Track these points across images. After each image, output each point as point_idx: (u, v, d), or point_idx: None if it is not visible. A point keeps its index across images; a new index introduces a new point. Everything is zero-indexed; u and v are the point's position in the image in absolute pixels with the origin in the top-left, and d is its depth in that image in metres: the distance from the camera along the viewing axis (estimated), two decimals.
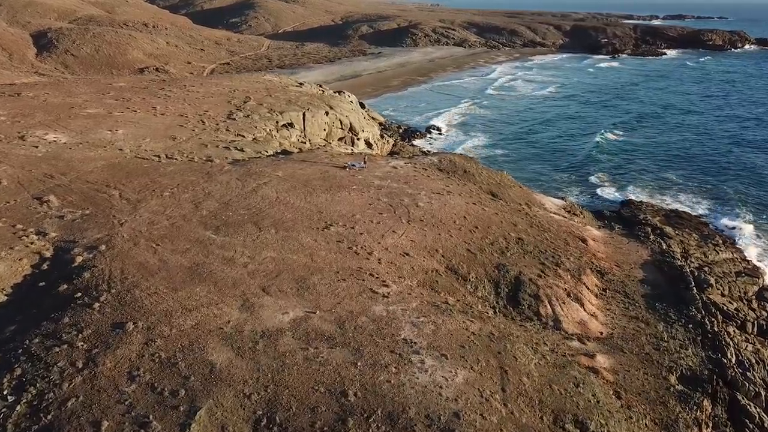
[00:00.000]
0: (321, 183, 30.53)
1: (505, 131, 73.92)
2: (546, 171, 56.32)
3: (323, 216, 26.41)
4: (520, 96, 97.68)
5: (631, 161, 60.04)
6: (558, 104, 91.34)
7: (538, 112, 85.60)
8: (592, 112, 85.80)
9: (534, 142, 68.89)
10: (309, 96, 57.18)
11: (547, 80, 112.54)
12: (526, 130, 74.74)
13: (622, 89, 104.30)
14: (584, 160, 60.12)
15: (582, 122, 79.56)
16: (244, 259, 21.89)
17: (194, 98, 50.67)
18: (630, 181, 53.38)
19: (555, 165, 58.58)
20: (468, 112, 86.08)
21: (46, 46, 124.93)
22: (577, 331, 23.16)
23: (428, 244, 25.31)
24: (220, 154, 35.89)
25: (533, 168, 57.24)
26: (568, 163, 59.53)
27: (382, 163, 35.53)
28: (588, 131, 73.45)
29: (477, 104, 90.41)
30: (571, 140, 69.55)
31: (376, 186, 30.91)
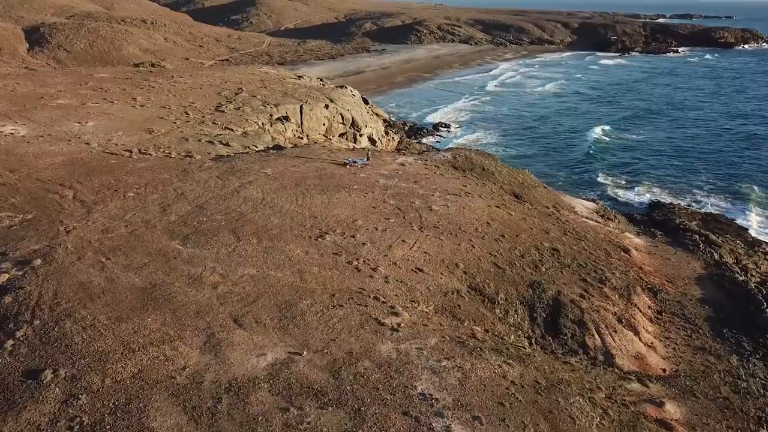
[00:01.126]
0: (316, 182, 25.86)
1: (514, 129, 69.54)
2: (558, 170, 51.57)
3: (318, 222, 21.75)
4: (529, 93, 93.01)
5: (639, 159, 55.58)
6: (568, 102, 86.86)
7: (549, 110, 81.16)
8: (604, 109, 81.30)
9: (543, 139, 64.61)
10: (307, 88, 52.56)
11: (557, 78, 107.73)
12: (535, 127, 70.65)
13: (634, 86, 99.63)
14: (597, 158, 55.61)
15: (591, 117, 75.02)
16: (214, 278, 17.21)
17: (181, 89, 46.10)
18: (641, 180, 48.82)
19: (566, 164, 53.96)
20: (475, 109, 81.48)
21: (39, 41, 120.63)
22: (635, 367, 18.42)
23: (446, 256, 20.60)
24: (203, 149, 31.27)
25: (548, 167, 52.57)
26: (577, 160, 54.98)
27: (388, 159, 30.86)
28: (602, 126, 69.08)
29: (485, 101, 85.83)
30: (581, 136, 65.05)
31: (382, 186, 26.23)
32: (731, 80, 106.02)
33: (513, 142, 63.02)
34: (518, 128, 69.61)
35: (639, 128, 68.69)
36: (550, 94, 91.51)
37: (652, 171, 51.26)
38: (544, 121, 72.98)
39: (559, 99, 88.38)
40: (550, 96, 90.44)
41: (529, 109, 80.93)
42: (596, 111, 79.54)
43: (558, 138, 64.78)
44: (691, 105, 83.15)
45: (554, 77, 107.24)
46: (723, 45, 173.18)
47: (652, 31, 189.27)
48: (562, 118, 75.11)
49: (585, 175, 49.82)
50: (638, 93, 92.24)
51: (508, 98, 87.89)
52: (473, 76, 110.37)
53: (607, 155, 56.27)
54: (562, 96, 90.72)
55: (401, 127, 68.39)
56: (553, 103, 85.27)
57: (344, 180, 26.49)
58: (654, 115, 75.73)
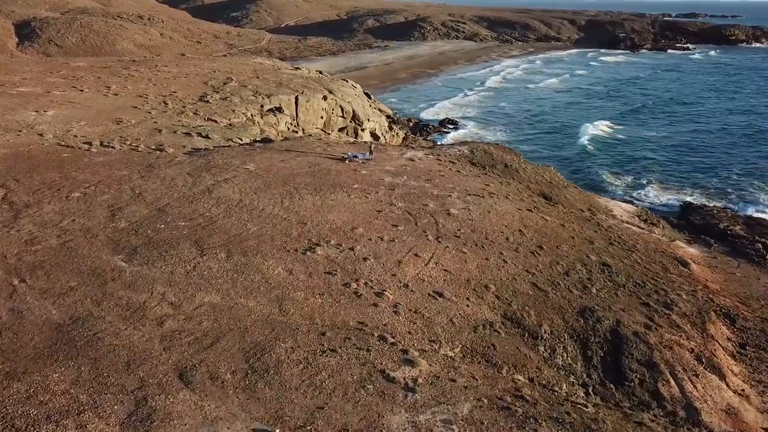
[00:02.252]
0: (308, 180, 21.24)
1: (520, 125, 65.44)
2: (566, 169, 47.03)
3: (307, 230, 17.12)
4: (538, 90, 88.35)
5: (645, 156, 51.15)
6: (579, 98, 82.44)
7: (557, 106, 76.82)
8: (619, 106, 76.85)
9: (547, 134, 60.74)
10: (304, 79, 47.95)
11: (564, 74, 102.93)
12: (542, 123, 66.84)
13: (644, 83, 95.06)
14: (606, 154, 51.20)
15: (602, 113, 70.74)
16: (162, 309, 12.59)
17: (163, 78, 41.54)
18: (653, 178, 44.28)
19: (573, 161, 49.40)
20: (482, 105, 76.96)
21: (29, 35, 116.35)
22: (728, 427, 13.76)
23: (472, 275, 15.95)
24: (177, 142, 26.66)
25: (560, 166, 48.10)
26: (584, 157, 50.54)
27: (394, 154, 26.21)
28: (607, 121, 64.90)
29: (491, 97, 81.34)
30: (585, 131, 60.72)
31: (388, 185, 21.60)
32: (744, 77, 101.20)
33: (519, 137, 58.59)
34: (525, 124, 65.39)
35: (648, 124, 64.40)
36: (559, 91, 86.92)
37: (662, 168, 46.77)
38: (551, 117, 68.71)
39: (568, 96, 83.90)
40: (560, 93, 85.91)
41: (537, 105, 76.42)
42: (608, 107, 75.12)
43: (563, 134, 60.59)
44: (710, 102, 78.56)
45: (561, 74, 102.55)
46: (734, 42, 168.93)
47: (660, 29, 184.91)
48: (569, 114, 70.86)
49: (591, 173, 45.22)
50: (649, 89, 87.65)
51: (516, 95, 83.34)
52: (479, 72, 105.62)
53: (614, 151, 51.98)
54: (571, 93, 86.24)
55: (406, 123, 63.78)
56: (562, 99, 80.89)
57: (342, 178, 21.86)
58: (664, 112, 71.30)
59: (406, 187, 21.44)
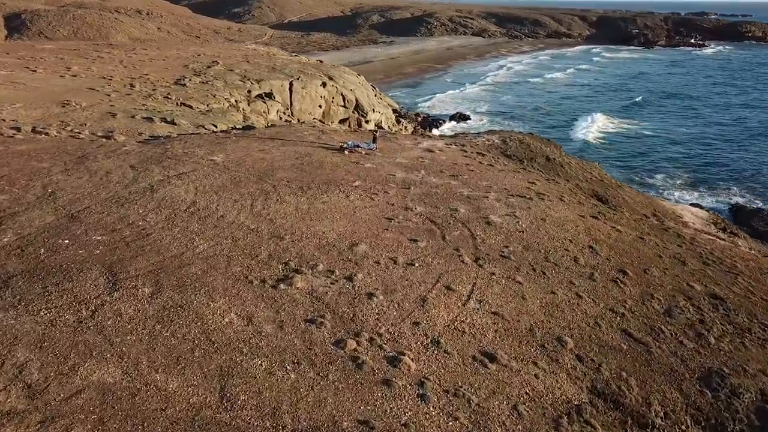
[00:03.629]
0: (293, 175, 15.64)
1: (541, 121, 59.70)
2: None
3: (284, 247, 11.51)
4: (558, 85, 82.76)
5: (658, 151, 45.59)
6: (595, 96, 76.69)
7: (572, 101, 71.39)
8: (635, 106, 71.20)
9: (560, 127, 55.01)
10: (301, 64, 42.44)
11: (578, 70, 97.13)
12: (558, 117, 61.45)
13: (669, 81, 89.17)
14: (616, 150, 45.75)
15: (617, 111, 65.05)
16: (9, 400, 6.99)
17: (137, 61, 36.08)
18: (683, 177, 38.70)
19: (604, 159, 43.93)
20: (494, 100, 71.42)
21: (18, 27, 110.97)
22: None
23: (536, 320, 10.27)
24: (133, 128, 21.12)
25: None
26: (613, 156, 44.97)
27: (407, 143, 20.54)
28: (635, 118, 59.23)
29: (505, 93, 75.75)
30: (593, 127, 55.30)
31: (401, 182, 15.97)
32: (760, 73, 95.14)
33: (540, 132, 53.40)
34: (538, 118, 60.08)
35: (669, 120, 58.93)
36: (578, 86, 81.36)
37: (690, 165, 41.27)
38: (569, 110, 63.34)
39: (584, 91, 78.44)
40: (575, 88, 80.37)
41: (554, 100, 71.05)
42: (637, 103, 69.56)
43: (572, 128, 55.30)
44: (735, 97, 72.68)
45: (577, 70, 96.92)
46: (750, 39, 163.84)
47: (674, 25, 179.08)
48: (589, 105, 65.48)
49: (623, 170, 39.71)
50: (670, 84, 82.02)
51: (532, 90, 77.78)
52: (489, 68, 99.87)
53: (636, 148, 46.54)
54: (592, 88, 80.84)
55: (414, 117, 58.17)
56: (577, 95, 75.46)
57: (339, 173, 16.24)
58: (690, 108, 65.72)
59: (426, 185, 15.79)
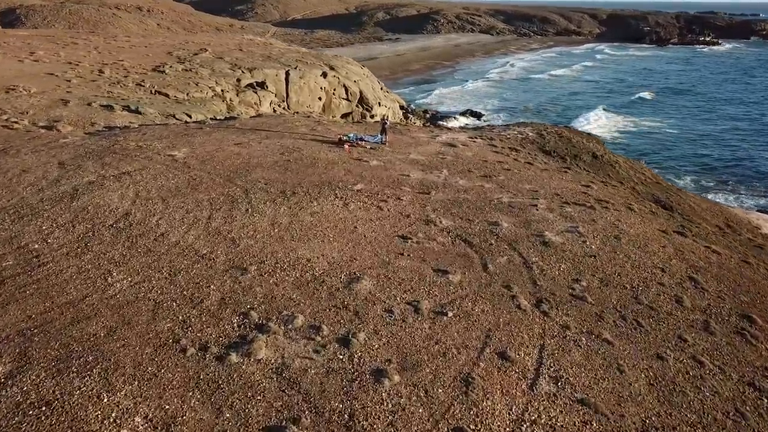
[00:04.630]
0: (274, 175, 11.67)
1: (548, 117, 55.59)
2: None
3: (242, 284, 7.54)
4: (566, 81, 78.66)
5: (703, 152, 41.02)
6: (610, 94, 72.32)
7: (586, 98, 67.22)
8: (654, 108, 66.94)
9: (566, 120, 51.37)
10: (300, 53, 38.54)
11: (595, 69, 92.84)
12: (572, 110, 57.22)
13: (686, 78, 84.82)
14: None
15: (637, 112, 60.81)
16: None
17: (116, 47, 32.25)
18: (719, 178, 34.33)
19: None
20: (506, 97, 67.41)
21: (13, 23, 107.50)
22: None
23: (647, 411, 6.24)
24: (85, 117, 17.21)
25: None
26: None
27: (422, 136, 16.52)
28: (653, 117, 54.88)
29: (516, 90, 71.74)
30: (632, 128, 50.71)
31: (418, 184, 11.99)
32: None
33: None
34: (555, 115, 55.97)
35: (691, 119, 54.42)
36: (588, 84, 77.19)
37: (721, 167, 36.77)
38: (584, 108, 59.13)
39: (595, 86, 74.35)
40: (589, 84, 76.26)
41: (567, 97, 66.92)
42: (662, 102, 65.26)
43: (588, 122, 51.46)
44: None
45: (586, 67, 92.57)
46: (765, 36, 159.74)
47: (686, 23, 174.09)
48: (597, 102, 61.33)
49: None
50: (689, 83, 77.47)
51: (546, 89, 73.56)
52: (499, 65, 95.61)
53: (666, 150, 42.14)
54: (600, 83, 76.66)
55: (422, 115, 54.15)
56: (591, 90, 71.34)
57: (336, 172, 12.24)
58: (714, 111, 60.92)
59: (451, 189, 11.79)
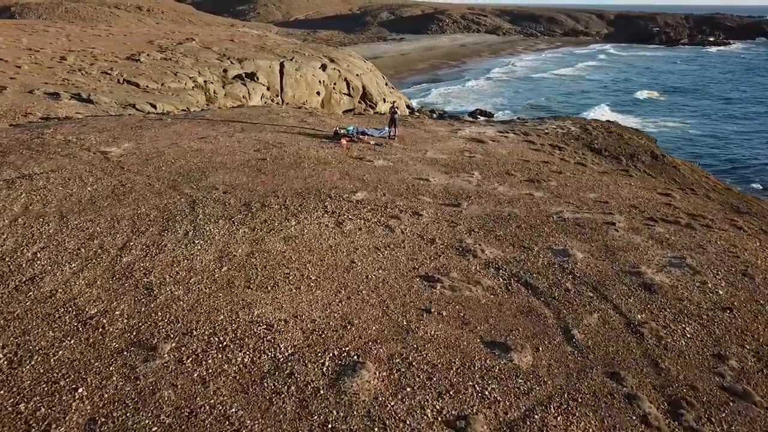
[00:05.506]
0: (241, 179, 8.26)
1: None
2: None
3: (144, 383, 4.18)
4: (574, 80, 75.18)
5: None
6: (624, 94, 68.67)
7: (596, 97, 63.57)
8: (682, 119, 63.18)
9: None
10: (298, 45, 35.22)
11: (603, 69, 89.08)
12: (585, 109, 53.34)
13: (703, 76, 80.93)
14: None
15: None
16: None
17: (91, 35, 28.96)
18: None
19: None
20: (515, 96, 63.79)
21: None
22: None
23: None
24: (19, 106, 13.86)
25: None
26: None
27: (440, 130, 13.08)
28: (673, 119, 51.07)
29: (524, 89, 68.06)
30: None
31: (441, 192, 8.58)
32: None
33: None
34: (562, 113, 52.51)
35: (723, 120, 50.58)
36: (593, 82, 73.67)
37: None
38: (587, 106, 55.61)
39: (599, 85, 70.81)
40: (593, 83, 72.75)
41: (573, 95, 63.32)
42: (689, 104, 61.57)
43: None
44: None
45: (594, 67, 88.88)
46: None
47: (696, 23, 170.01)
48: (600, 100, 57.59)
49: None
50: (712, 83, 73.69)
51: (549, 86, 70.04)
52: (507, 62, 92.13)
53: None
54: (604, 82, 73.15)
55: (428, 114, 50.74)
56: (596, 88, 67.78)
57: (328, 175, 8.81)
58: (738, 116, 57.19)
59: (489, 200, 8.37)
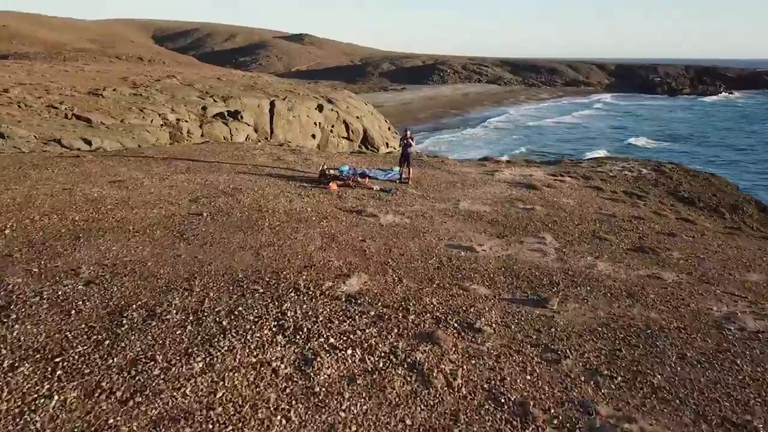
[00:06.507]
0: (142, 254, 4.41)
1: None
2: None
3: None
4: (596, 128, 72.36)
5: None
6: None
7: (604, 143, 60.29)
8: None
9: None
10: (292, 85, 32.08)
11: (613, 117, 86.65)
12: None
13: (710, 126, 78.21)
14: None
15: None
16: None
17: (58, 71, 25.73)
18: None
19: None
20: (517, 144, 60.58)
21: None
22: None
23: None
24: None
25: None
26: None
27: (469, 171, 9.27)
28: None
29: (537, 135, 64.98)
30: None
31: (502, 275, 4.69)
32: None
33: None
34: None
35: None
36: (602, 130, 70.85)
37: None
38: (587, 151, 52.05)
39: (605, 132, 67.86)
40: (601, 130, 69.87)
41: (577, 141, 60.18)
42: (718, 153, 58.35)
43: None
44: None
45: (605, 116, 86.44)
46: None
47: (696, 74, 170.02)
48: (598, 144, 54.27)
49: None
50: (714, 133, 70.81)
51: (555, 133, 66.99)
52: (512, 114, 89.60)
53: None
54: (613, 129, 70.28)
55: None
56: (600, 135, 64.74)
57: (300, 240, 4.94)
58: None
59: (593, 291, 4.48)
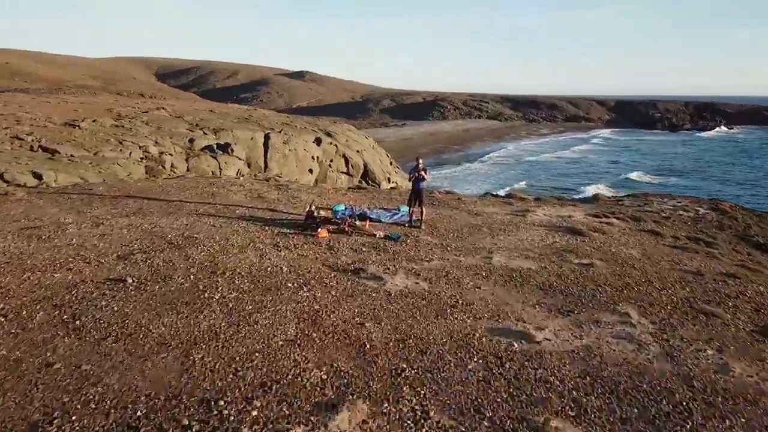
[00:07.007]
0: None
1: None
2: None
3: None
4: (594, 162, 70.98)
5: None
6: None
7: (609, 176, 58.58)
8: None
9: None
10: (289, 119, 30.62)
11: (613, 152, 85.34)
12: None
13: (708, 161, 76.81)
14: None
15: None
16: None
17: (40, 102, 24.24)
18: None
19: None
20: (526, 181, 58.97)
21: None
22: None
23: None
24: None
25: None
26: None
27: (494, 212, 7.43)
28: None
29: (534, 177, 63.36)
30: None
31: (583, 389, 2.80)
32: None
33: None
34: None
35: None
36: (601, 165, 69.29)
37: None
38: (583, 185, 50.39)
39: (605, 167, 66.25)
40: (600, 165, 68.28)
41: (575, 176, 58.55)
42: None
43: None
44: None
45: (606, 152, 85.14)
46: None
47: (696, 109, 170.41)
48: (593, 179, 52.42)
49: None
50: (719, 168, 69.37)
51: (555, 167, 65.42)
52: (512, 150, 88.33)
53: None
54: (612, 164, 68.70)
55: None
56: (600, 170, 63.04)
57: (263, 325, 3.16)
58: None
59: None
